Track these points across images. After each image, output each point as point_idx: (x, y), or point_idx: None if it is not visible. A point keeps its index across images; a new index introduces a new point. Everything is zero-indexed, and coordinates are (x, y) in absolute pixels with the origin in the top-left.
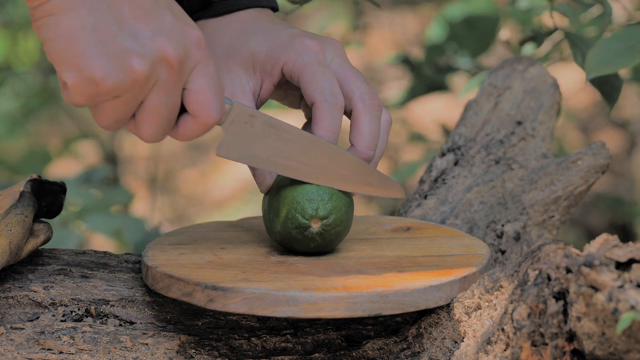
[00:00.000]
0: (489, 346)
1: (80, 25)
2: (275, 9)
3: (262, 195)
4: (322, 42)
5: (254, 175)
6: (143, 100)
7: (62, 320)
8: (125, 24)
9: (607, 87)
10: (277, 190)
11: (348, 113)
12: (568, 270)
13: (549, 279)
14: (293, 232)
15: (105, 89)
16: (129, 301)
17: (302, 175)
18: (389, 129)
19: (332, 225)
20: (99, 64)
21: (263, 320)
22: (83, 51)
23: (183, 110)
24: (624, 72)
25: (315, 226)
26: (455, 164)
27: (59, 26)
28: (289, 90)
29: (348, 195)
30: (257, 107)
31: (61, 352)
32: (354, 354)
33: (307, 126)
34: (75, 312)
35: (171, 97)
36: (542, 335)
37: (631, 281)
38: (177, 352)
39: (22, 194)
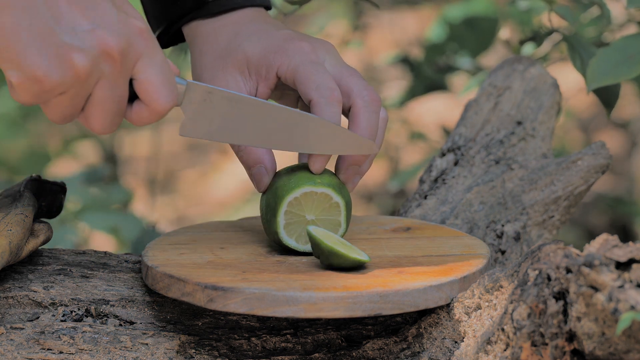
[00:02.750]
0: (489, 346)
1: (16, 23)
2: (268, 7)
3: (261, 195)
4: (314, 43)
5: (250, 175)
6: (90, 93)
7: (62, 320)
8: (63, 18)
9: (606, 93)
10: (274, 189)
11: (346, 110)
12: (568, 270)
13: (549, 279)
14: None
15: (48, 86)
16: (129, 301)
17: (270, 144)
18: (385, 126)
19: None
20: (39, 62)
21: (263, 320)
22: (23, 50)
23: (137, 96)
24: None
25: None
26: (455, 164)
27: None
28: (285, 91)
29: (346, 194)
30: None
31: (61, 352)
32: (354, 354)
33: None
34: (75, 312)
35: (117, 90)
36: (542, 335)
37: (631, 281)
38: (177, 352)
39: (22, 194)
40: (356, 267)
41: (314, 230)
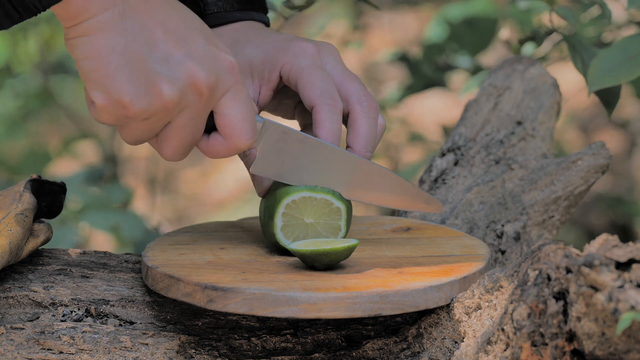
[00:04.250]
0: (489, 346)
1: (111, 47)
2: (267, 24)
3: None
4: (318, 45)
5: (252, 180)
6: (170, 121)
7: (62, 320)
8: (156, 47)
9: (606, 94)
10: (273, 193)
11: (345, 115)
12: (568, 271)
13: (549, 279)
14: None
15: (133, 113)
16: (129, 301)
17: (336, 189)
18: (382, 133)
19: None
20: (128, 88)
21: (263, 320)
22: (113, 74)
23: (215, 127)
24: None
25: None
26: (455, 164)
27: (91, 47)
28: (282, 100)
29: (344, 201)
30: (257, 114)
31: (61, 352)
32: (354, 354)
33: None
34: (75, 312)
35: (197, 122)
36: (542, 335)
37: (631, 281)
38: (177, 352)
39: (22, 194)
40: (350, 253)
41: (294, 245)
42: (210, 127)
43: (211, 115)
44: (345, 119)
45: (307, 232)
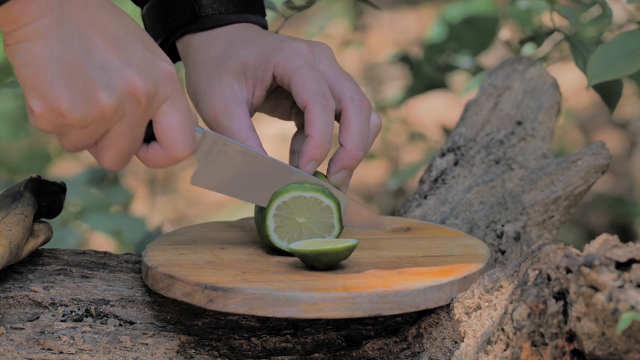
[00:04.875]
0: (489, 346)
1: (48, 53)
2: (264, 27)
3: None
4: (312, 45)
5: None
6: (108, 129)
7: (62, 320)
8: (94, 54)
9: (608, 91)
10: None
11: (337, 114)
12: (568, 271)
13: (549, 279)
14: None
15: (70, 121)
16: (129, 301)
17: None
18: (376, 133)
19: None
20: (65, 95)
21: (263, 320)
22: (50, 81)
23: (154, 137)
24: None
25: None
26: (455, 164)
27: (29, 53)
28: (279, 101)
29: (334, 199)
30: (251, 115)
31: (61, 352)
32: (354, 354)
33: (299, 134)
34: (75, 312)
35: (135, 130)
36: (542, 335)
37: (631, 281)
38: (177, 352)
39: (22, 194)
40: (350, 253)
41: (294, 245)
42: (150, 136)
43: (150, 124)
44: (338, 118)
45: (300, 231)
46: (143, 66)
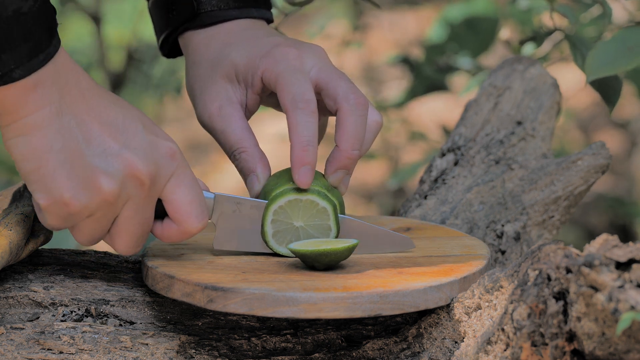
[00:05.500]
0: (489, 346)
1: (48, 146)
2: (269, 20)
3: None
4: (302, 48)
5: (245, 182)
6: (117, 215)
7: (62, 320)
8: (93, 141)
9: (607, 89)
10: (264, 196)
11: (334, 114)
12: (568, 271)
13: (549, 279)
14: None
15: (75, 209)
16: (129, 301)
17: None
18: (376, 131)
19: None
20: (67, 185)
21: (263, 320)
22: (51, 172)
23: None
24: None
25: None
26: (455, 164)
27: (29, 146)
28: (278, 105)
29: (335, 196)
30: (247, 118)
31: (61, 352)
32: (354, 354)
33: None
34: (75, 312)
35: (144, 212)
36: (542, 335)
37: (631, 281)
38: (177, 352)
39: (22, 194)
40: (350, 253)
41: (294, 245)
42: (164, 213)
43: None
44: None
45: (298, 235)
46: (143, 147)
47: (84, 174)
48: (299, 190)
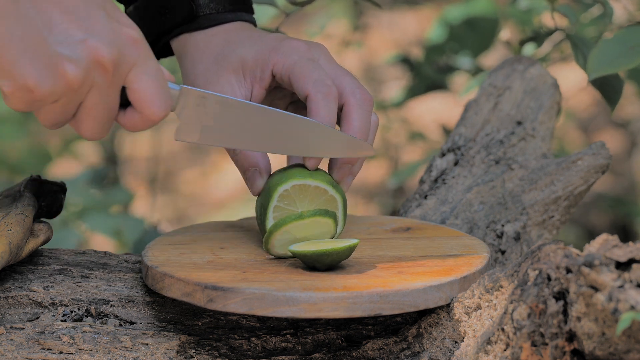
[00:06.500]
0: (489, 346)
1: (9, 32)
2: (254, 25)
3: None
4: (308, 43)
5: (245, 179)
6: (81, 101)
7: (62, 320)
8: (55, 28)
9: (608, 88)
10: (266, 189)
11: (339, 109)
12: (568, 270)
13: (549, 279)
14: None
15: (39, 96)
16: (129, 301)
17: (264, 148)
18: (376, 130)
19: None
20: (31, 72)
21: (263, 320)
22: (15, 60)
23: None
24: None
25: None
26: (455, 164)
27: None
28: (274, 101)
29: (341, 192)
30: None
31: (61, 352)
32: (354, 354)
33: None
34: (75, 312)
35: (108, 98)
36: (542, 335)
37: (631, 281)
38: (177, 352)
39: (21, 194)
40: (351, 253)
41: (295, 247)
42: (127, 101)
43: (125, 91)
44: (339, 113)
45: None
46: (106, 34)
47: (48, 61)
48: (305, 177)
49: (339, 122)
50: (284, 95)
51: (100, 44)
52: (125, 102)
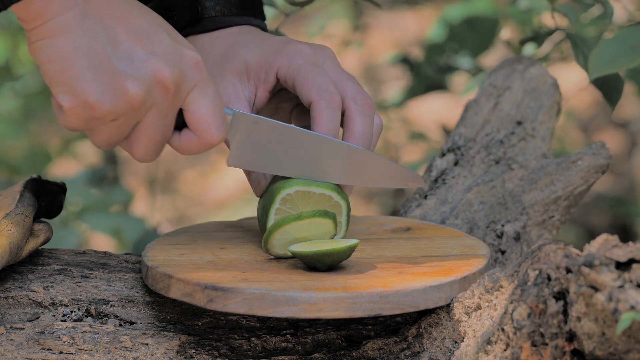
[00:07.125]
0: (489, 346)
1: (74, 47)
2: (264, 29)
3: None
4: (314, 47)
5: (249, 179)
6: (139, 120)
7: (62, 320)
8: (120, 45)
9: (609, 88)
10: (269, 191)
11: (341, 114)
12: (568, 270)
13: (549, 279)
14: None
15: (100, 113)
16: (129, 301)
17: (315, 175)
18: (379, 133)
19: None
20: (93, 88)
21: (263, 320)
22: (78, 75)
23: (185, 124)
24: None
25: None
26: (455, 164)
27: (54, 49)
28: (279, 104)
29: (345, 196)
30: None
31: (61, 352)
32: (354, 354)
33: None
34: (75, 312)
35: (166, 119)
36: (542, 335)
37: (631, 281)
38: (177, 352)
39: (22, 194)
40: (352, 253)
41: (295, 247)
42: (181, 124)
43: (181, 112)
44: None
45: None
46: (169, 55)
47: (110, 78)
48: (310, 184)
49: (342, 126)
50: (290, 98)
51: (163, 64)
52: (178, 126)
